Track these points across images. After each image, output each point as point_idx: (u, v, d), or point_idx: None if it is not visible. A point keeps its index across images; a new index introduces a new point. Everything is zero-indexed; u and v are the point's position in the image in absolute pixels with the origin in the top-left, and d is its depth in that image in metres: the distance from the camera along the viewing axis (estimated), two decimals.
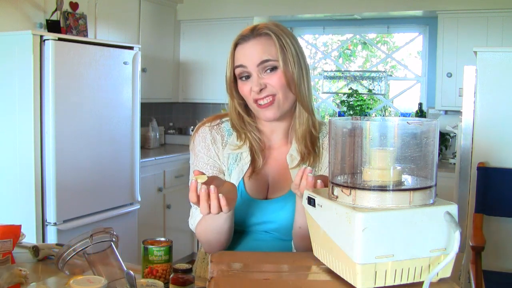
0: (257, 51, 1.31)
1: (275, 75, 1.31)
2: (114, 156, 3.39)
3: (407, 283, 0.84)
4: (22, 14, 3.31)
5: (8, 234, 1.22)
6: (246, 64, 1.32)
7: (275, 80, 1.30)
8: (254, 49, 1.31)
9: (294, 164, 1.37)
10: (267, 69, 1.31)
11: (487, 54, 2.76)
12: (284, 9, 4.51)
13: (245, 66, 1.32)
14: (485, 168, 2.76)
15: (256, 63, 1.30)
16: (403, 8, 4.13)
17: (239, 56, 1.33)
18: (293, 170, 1.37)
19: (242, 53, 1.33)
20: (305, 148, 1.37)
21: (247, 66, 1.31)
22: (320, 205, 0.92)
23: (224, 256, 1.00)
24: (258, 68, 1.31)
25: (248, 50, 1.32)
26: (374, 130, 0.89)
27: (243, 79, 1.33)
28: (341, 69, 4.95)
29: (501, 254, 2.78)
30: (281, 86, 1.31)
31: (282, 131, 1.41)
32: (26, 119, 2.92)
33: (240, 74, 1.33)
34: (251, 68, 1.31)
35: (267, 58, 1.31)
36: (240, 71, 1.33)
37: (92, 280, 1.11)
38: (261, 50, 1.31)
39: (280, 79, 1.30)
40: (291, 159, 1.38)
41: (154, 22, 4.45)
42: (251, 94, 1.31)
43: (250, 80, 1.32)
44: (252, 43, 1.32)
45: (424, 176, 0.87)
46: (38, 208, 2.96)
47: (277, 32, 1.33)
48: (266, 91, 1.30)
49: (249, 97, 1.33)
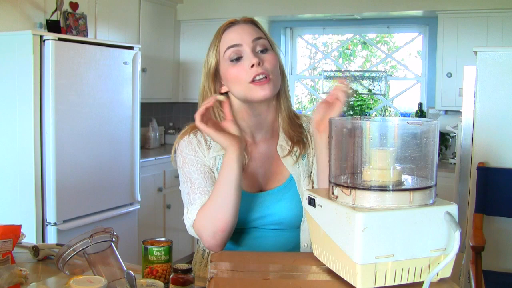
0: (249, 30, 1.33)
1: (268, 55, 1.32)
2: (114, 156, 3.39)
3: (407, 283, 0.84)
4: (22, 14, 3.31)
5: (8, 234, 1.22)
6: (240, 42, 1.31)
7: (269, 59, 1.31)
8: (245, 29, 1.33)
9: (285, 153, 1.37)
10: (260, 49, 1.32)
11: (487, 54, 2.76)
12: (284, 9, 4.51)
13: (239, 44, 1.31)
14: (485, 168, 2.76)
15: (251, 39, 1.31)
16: (403, 8, 4.13)
17: (231, 37, 1.33)
18: (285, 159, 1.37)
19: (234, 34, 1.33)
20: (293, 136, 1.38)
21: (242, 44, 1.31)
22: (320, 205, 0.92)
23: (224, 256, 1.00)
24: (252, 44, 1.31)
25: (240, 30, 1.33)
26: (374, 130, 0.89)
27: (234, 62, 1.31)
28: (341, 69, 4.95)
29: (501, 254, 2.78)
30: (274, 66, 1.32)
31: (265, 126, 1.40)
32: (26, 119, 2.92)
33: (231, 55, 1.31)
34: (246, 45, 1.31)
35: (261, 36, 1.33)
36: (233, 51, 1.31)
37: (92, 280, 1.11)
38: (253, 30, 1.33)
39: (273, 59, 1.32)
40: (281, 149, 1.38)
41: (154, 22, 4.45)
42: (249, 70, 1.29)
43: (242, 60, 1.30)
44: (241, 26, 1.34)
45: (424, 176, 0.87)
46: (38, 208, 2.96)
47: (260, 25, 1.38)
48: (263, 67, 1.29)
49: (244, 77, 1.29)
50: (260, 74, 1.28)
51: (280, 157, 1.38)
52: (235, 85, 1.32)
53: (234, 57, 1.31)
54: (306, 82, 5.18)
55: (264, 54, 1.32)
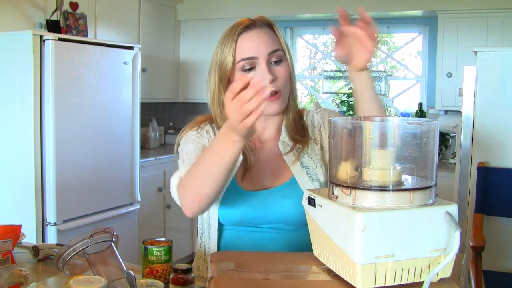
0: (266, 40, 1.29)
1: (282, 67, 1.30)
2: (114, 156, 3.39)
3: (407, 283, 0.84)
4: (22, 14, 3.31)
5: (8, 234, 1.22)
6: (256, 54, 1.27)
7: (282, 72, 1.29)
8: (262, 39, 1.28)
9: (287, 149, 1.36)
10: (274, 60, 1.29)
11: (487, 54, 2.76)
12: (284, 9, 4.51)
13: (255, 57, 1.27)
14: (485, 168, 2.76)
15: (267, 52, 1.28)
16: (403, 8, 4.13)
17: (247, 45, 1.28)
18: (286, 156, 1.36)
19: (251, 42, 1.28)
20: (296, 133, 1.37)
21: (257, 57, 1.27)
22: (320, 205, 0.92)
23: (224, 256, 1.00)
24: (268, 58, 1.28)
25: (256, 40, 1.28)
26: (374, 130, 0.89)
27: (246, 71, 1.28)
28: (341, 69, 4.95)
29: (501, 254, 2.77)
30: (286, 78, 1.30)
31: (274, 125, 1.40)
32: (26, 119, 2.92)
33: (244, 66, 1.28)
34: (261, 58, 1.27)
35: (277, 48, 1.29)
36: (247, 63, 1.27)
37: (92, 280, 1.11)
38: (270, 39, 1.29)
39: (286, 71, 1.30)
40: (283, 145, 1.37)
41: (154, 22, 4.45)
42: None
43: (255, 71, 1.27)
44: (258, 33, 1.29)
45: (424, 176, 0.87)
46: (38, 208, 2.96)
47: (276, 27, 1.34)
48: (275, 85, 1.27)
49: None
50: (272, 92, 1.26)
51: (282, 153, 1.37)
52: None
53: (247, 67, 1.28)
54: (306, 82, 5.18)
55: (277, 66, 1.30)
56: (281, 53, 1.30)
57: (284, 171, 1.36)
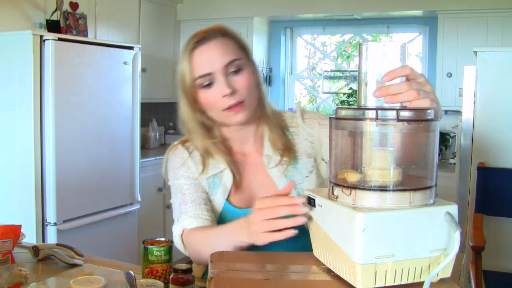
0: (221, 52, 1.22)
1: (242, 77, 1.23)
2: (114, 156, 3.39)
3: (407, 283, 0.84)
4: (22, 14, 3.31)
5: (8, 234, 1.22)
6: (211, 70, 1.21)
7: (243, 82, 1.23)
8: (216, 51, 1.22)
9: (272, 164, 1.31)
10: (233, 70, 1.22)
11: (487, 54, 2.76)
12: (284, 9, 4.51)
13: (211, 73, 1.21)
14: (485, 168, 2.76)
15: (223, 65, 1.21)
16: (403, 8, 4.13)
17: (201, 62, 1.22)
18: (271, 170, 1.30)
19: (204, 58, 1.22)
20: (279, 144, 1.31)
21: (213, 72, 1.21)
22: (320, 205, 0.92)
23: (224, 256, 1.00)
24: (224, 70, 1.21)
25: (210, 53, 1.22)
26: (374, 130, 0.89)
27: (205, 87, 1.23)
28: (341, 69, 4.95)
29: (501, 254, 2.78)
30: (248, 86, 1.24)
31: (252, 136, 1.34)
32: (26, 119, 2.92)
33: (202, 83, 1.23)
34: (217, 73, 1.21)
35: (234, 58, 1.22)
36: (204, 79, 1.22)
37: (92, 280, 1.11)
38: (225, 50, 1.22)
39: (247, 79, 1.24)
40: (267, 159, 1.31)
41: (154, 22, 4.45)
42: (221, 100, 1.22)
43: (214, 86, 1.22)
44: (210, 46, 1.22)
45: (424, 176, 0.87)
46: (38, 208, 2.96)
47: (232, 31, 1.27)
48: (236, 96, 1.21)
49: (216, 104, 1.23)
50: (235, 103, 1.21)
51: (266, 168, 1.31)
52: (209, 110, 1.27)
53: (205, 83, 1.23)
54: (305, 82, 5.18)
55: (237, 77, 1.23)
56: (239, 62, 1.23)
57: (271, 186, 1.31)
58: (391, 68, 0.87)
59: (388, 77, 0.86)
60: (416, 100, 0.87)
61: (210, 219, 1.28)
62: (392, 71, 0.86)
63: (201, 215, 1.27)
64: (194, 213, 1.27)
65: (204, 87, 1.23)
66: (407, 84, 0.86)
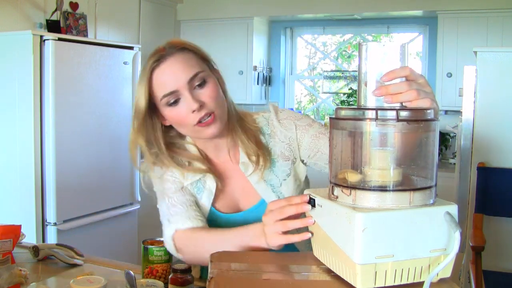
0: (182, 67, 1.19)
1: (207, 89, 1.20)
2: (114, 156, 3.39)
3: (407, 283, 0.84)
4: (22, 14, 3.31)
5: (8, 234, 1.22)
6: (176, 87, 1.18)
7: (209, 93, 1.20)
8: (177, 68, 1.19)
9: (250, 171, 1.29)
10: (197, 84, 1.19)
11: (487, 54, 2.76)
12: (284, 9, 4.51)
13: (175, 90, 1.18)
14: (485, 168, 2.76)
15: (186, 81, 1.18)
16: (403, 8, 4.13)
17: (163, 80, 1.19)
18: (251, 177, 1.29)
19: (166, 76, 1.19)
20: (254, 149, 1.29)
21: (178, 89, 1.18)
22: (320, 205, 0.92)
23: (224, 256, 1.00)
24: (189, 85, 1.18)
25: (172, 70, 1.19)
26: (374, 130, 0.89)
27: (172, 105, 1.20)
28: (341, 69, 4.95)
29: (501, 254, 2.78)
30: (215, 97, 1.21)
31: (225, 145, 1.32)
32: (26, 119, 2.92)
33: (168, 101, 1.19)
34: (182, 89, 1.18)
35: (197, 71, 1.19)
36: (170, 98, 1.19)
37: (92, 280, 1.11)
38: (186, 65, 1.19)
39: (213, 90, 1.21)
40: (244, 166, 1.30)
41: (154, 22, 4.45)
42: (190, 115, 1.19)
43: (181, 103, 1.19)
44: (170, 63, 1.19)
45: (424, 176, 0.87)
46: (38, 208, 2.96)
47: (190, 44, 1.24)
48: (205, 109, 1.19)
49: (186, 121, 1.20)
50: (204, 116, 1.19)
51: (245, 176, 1.30)
52: (180, 127, 1.25)
53: (172, 101, 1.19)
54: (305, 82, 5.18)
55: (202, 89, 1.20)
56: (202, 74, 1.20)
57: (251, 191, 1.31)
58: (391, 68, 0.87)
59: (387, 77, 0.86)
60: (416, 100, 0.87)
61: (203, 219, 1.27)
62: (392, 71, 0.86)
63: (195, 216, 1.25)
64: (187, 214, 1.26)
65: (170, 105, 1.20)
66: (407, 84, 0.86)
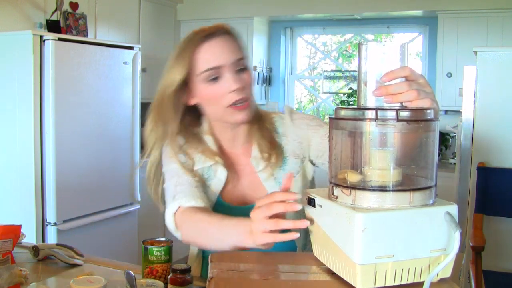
0: (230, 49, 1.23)
1: (247, 75, 1.25)
2: (114, 156, 3.39)
3: (407, 284, 0.84)
4: (22, 14, 3.31)
5: (8, 234, 1.22)
6: (221, 63, 1.21)
7: (249, 80, 1.25)
8: (227, 46, 1.23)
9: (261, 167, 1.31)
10: (239, 68, 1.24)
11: (487, 54, 2.76)
12: (284, 9, 4.51)
13: (220, 66, 1.21)
14: (485, 168, 2.76)
15: (232, 61, 1.22)
16: (403, 8, 4.13)
17: (210, 55, 1.22)
18: (260, 173, 1.31)
19: (214, 52, 1.22)
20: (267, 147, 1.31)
21: (222, 66, 1.21)
22: (320, 205, 0.92)
23: (224, 256, 1.00)
24: (233, 66, 1.22)
25: (220, 47, 1.22)
26: (374, 130, 0.89)
27: (211, 82, 1.22)
28: (341, 69, 4.95)
29: (501, 254, 2.78)
30: (252, 86, 1.27)
31: (242, 137, 1.34)
32: (26, 119, 2.92)
33: (208, 76, 1.22)
34: (226, 68, 1.21)
35: (241, 56, 1.24)
36: (212, 73, 1.21)
37: (92, 280, 1.11)
38: (233, 48, 1.24)
39: (251, 78, 1.26)
40: (256, 161, 1.32)
41: (154, 22, 4.45)
42: (227, 95, 1.21)
43: (221, 81, 1.22)
44: (220, 41, 1.23)
45: (424, 176, 0.87)
46: (38, 208, 2.96)
47: (235, 32, 1.28)
48: (243, 93, 1.23)
49: (221, 100, 1.22)
50: (240, 100, 1.22)
51: (256, 171, 1.31)
52: (211, 105, 1.26)
53: (212, 77, 1.22)
54: (305, 82, 5.18)
55: (243, 75, 1.24)
56: (244, 61, 1.25)
57: (260, 187, 1.32)
58: (391, 68, 0.87)
59: (387, 77, 0.86)
60: (416, 100, 0.87)
61: (207, 201, 1.27)
62: (392, 71, 0.86)
63: (199, 196, 1.25)
64: (192, 194, 1.25)
65: (209, 81, 1.22)
66: (407, 84, 0.86)
